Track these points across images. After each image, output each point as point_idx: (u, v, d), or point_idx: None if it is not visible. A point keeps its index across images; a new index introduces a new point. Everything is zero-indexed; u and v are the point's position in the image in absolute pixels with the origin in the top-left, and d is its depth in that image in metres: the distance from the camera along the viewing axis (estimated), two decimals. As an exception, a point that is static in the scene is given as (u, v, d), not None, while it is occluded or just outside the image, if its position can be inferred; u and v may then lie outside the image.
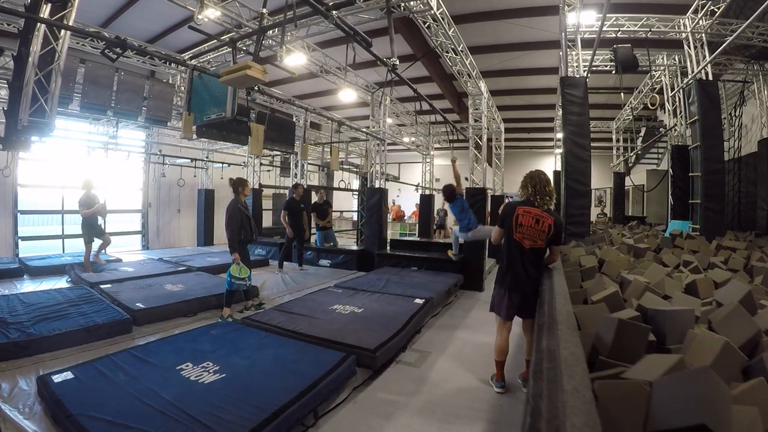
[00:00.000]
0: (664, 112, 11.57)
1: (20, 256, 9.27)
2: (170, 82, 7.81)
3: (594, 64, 7.40)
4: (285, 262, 8.30)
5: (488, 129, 8.53)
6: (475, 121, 8.21)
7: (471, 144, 8.12)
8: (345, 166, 13.86)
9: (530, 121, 16.93)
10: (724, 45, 5.59)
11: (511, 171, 16.26)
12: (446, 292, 5.97)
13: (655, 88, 11.07)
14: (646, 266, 3.96)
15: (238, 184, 5.38)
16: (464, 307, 6.16)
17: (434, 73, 11.43)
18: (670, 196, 9.09)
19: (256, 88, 4.72)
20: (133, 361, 3.23)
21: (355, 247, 9.93)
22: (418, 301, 5.06)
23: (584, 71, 7.27)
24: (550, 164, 16.81)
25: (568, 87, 6.66)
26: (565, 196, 6.27)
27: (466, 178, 8.13)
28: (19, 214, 10.05)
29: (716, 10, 6.88)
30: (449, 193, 5.92)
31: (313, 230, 9.75)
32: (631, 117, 12.63)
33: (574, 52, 7.57)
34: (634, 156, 14.21)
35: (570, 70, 7.50)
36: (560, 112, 13.46)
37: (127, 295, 5.25)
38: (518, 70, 11.83)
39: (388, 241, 9.37)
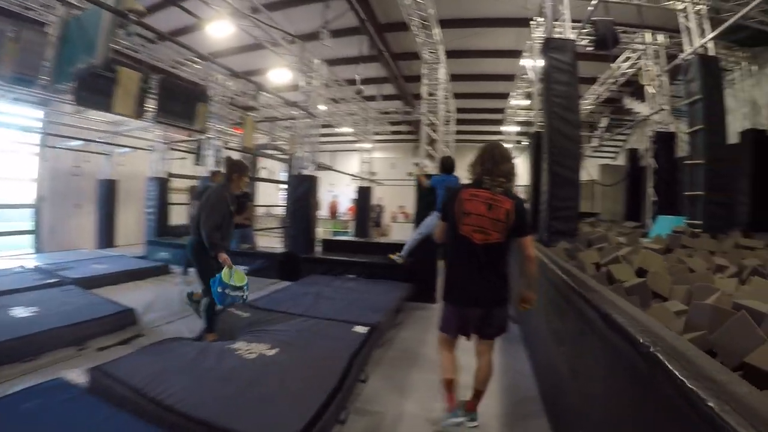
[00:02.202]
0: (635, 99, 11.00)
1: None
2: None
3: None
4: (191, 268, 6.61)
5: (445, 105, 7.34)
6: (430, 94, 6.95)
7: (424, 121, 6.86)
8: (269, 151, 12.24)
9: (480, 111, 16.02)
10: (736, 16, 5.00)
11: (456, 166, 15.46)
12: (395, 310, 4.68)
13: (625, 73, 10.33)
14: (705, 277, 2.91)
15: (233, 170, 3.92)
16: (417, 329, 4.90)
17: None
18: (652, 189, 8.67)
19: (133, 16, 3.18)
20: None
21: (278, 249, 8.45)
22: (360, 329, 3.66)
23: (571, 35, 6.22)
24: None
25: (554, 51, 5.37)
26: (548, 185, 5.15)
27: (417, 164, 7.64)
28: None
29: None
30: (450, 165, 5.95)
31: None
32: (593, 106, 12.01)
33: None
34: (594, 149, 13.79)
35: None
36: (512, 102, 12.77)
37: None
38: (473, 51, 10.78)
39: (318, 242, 8.06)
